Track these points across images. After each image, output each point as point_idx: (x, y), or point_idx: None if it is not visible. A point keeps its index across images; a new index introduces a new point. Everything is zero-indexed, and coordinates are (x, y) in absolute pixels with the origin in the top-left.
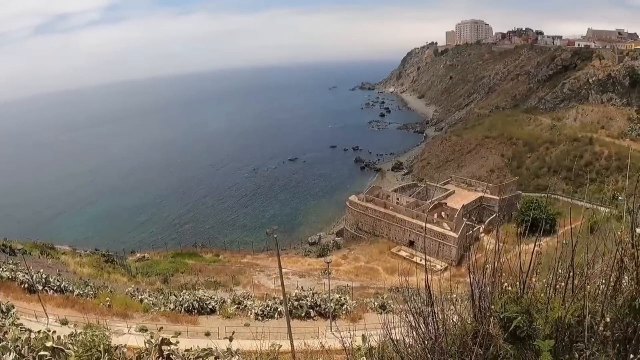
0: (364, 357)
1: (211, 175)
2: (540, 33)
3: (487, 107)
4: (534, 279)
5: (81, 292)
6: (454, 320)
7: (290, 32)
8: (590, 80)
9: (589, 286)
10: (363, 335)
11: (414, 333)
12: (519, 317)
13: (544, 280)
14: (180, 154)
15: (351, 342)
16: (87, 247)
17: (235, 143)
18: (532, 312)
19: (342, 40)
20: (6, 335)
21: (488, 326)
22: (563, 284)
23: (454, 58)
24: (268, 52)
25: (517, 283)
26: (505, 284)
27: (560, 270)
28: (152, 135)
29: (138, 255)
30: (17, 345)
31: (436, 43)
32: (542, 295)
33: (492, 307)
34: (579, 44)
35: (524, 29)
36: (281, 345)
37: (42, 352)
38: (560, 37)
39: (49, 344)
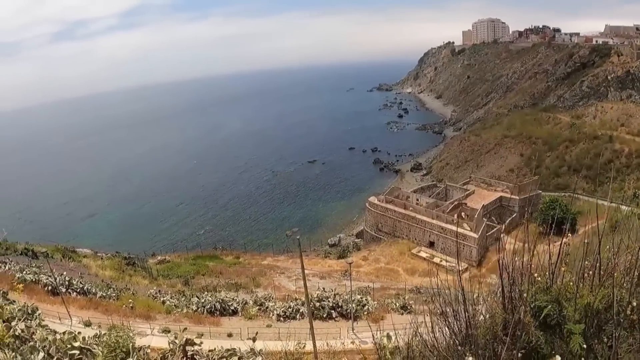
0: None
1: (230, 177)
2: (558, 30)
3: (505, 106)
4: (562, 269)
5: (104, 294)
6: (483, 313)
7: (306, 34)
8: (609, 77)
9: (615, 274)
10: (388, 334)
11: (444, 327)
12: (549, 306)
13: (571, 272)
14: (198, 157)
15: (379, 341)
16: (107, 250)
17: (253, 145)
18: (561, 300)
19: (359, 41)
20: (34, 336)
21: (519, 315)
22: (590, 272)
23: (471, 57)
24: (284, 54)
25: (547, 274)
26: (535, 274)
27: (587, 262)
28: (170, 140)
29: (159, 257)
30: (45, 346)
31: (453, 43)
32: (571, 284)
33: (524, 296)
34: (596, 41)
35: (541, 26)
36: (305, 344)
37: (72, 352)
38: (577, 34)
39: (76, 344)
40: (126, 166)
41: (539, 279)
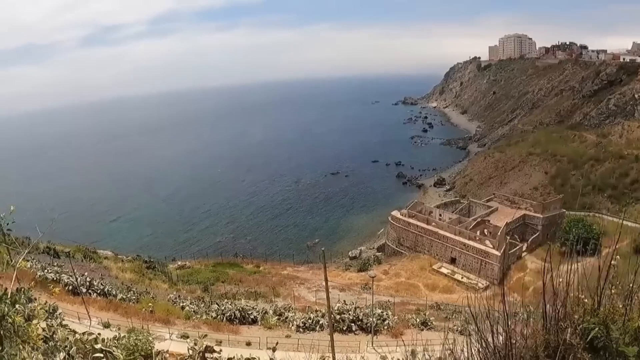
0: None
1: (253, 186)
2: (585, 47)
3: (530, 123)
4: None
5: (124, 297)
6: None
7: (332, 46)
8: (636, 96)
9: None
10: (413, 351)
11: (481, 346)
12: (596, 328)
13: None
14: (222, 165)
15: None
16: (128, 253)
17: (276, 155)
18: (608, 322)
19: (384, 55)
20: (54, 336)
21: (564, 336)
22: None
23: (497, 73)
24: (311, 65)
25: (594, 295)
26: (582, 295)
27: (631, 285)
28: (195, 146)
29: (179, 263)
30: (66, 346)
31: (479, 58)
32: (620, 306)
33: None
34: (624, 59)
35: (567, 43)
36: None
37: (95, 354)
38: (605, 52)
39: (98, 346)
40: (151, 170)
41: (586, 300)
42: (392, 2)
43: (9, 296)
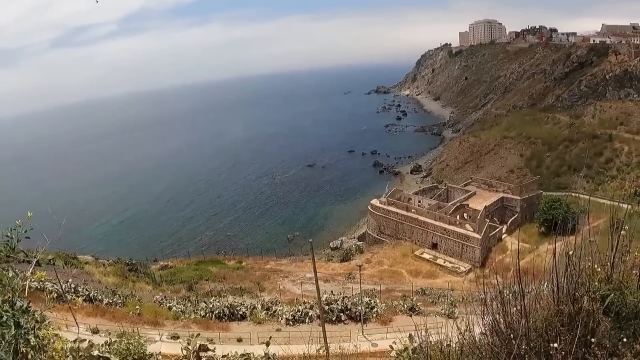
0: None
1: (230, 182)
2: (554, 30)
3: (504, 107)
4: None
5: (110, 301)
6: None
7: (305, 38)
8: (607, 77)
9: None
10: (410, 335)
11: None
12: (611, 294)
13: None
14: (198, 164)
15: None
16: (109, 256)
17: (252, 150)
18: (623, 289)
19: (357, 44)
20: (47, 346)
21: (581, 304)
22: None
23: (469, 59)
24: (284, 58)
25: (607, 263)
26: (595, 265)
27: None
28: (170, 145)
29: (161, 263)
30: (68, 355)
31: (450, 44)
32: (634, 272)
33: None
34: (594, 40)
35: (537, 27)
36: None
37: None
38: (574, 34)
39: (94, 352)
40: (130, 172)
41: (599, 269)
42: None
43: (32, 311)
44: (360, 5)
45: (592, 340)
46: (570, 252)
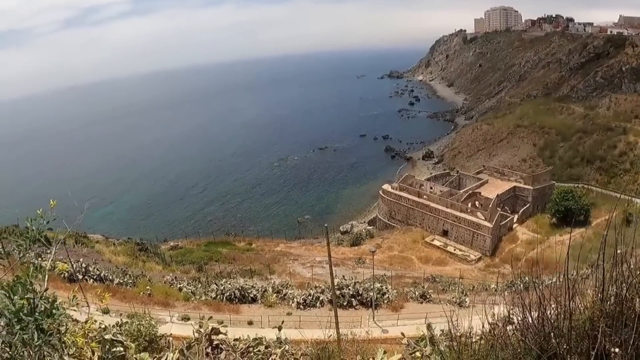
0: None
1: (242, 164)
2: (571, 20)
3: (518, 95)
4: None
5: (121, 281)
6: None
7: (318, 21)
8: (623, 69)
9: None
10: (429, 324)
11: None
12: None
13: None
14: (212, 145)
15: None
16: (119, 236)
17: (264, 132)
18: None
19: (370, 28)
20: (60, 327)
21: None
22: None
23: (483, 46)
24: (297, 41)
25: None
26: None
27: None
28: (182, 126)
29: (171, 243)
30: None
31: (465, 31)
32: None
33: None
34: (611, 31)
35: (554, 15)
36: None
37: (116, 349)
38: (591, 24)
39: (107, 336)
40: (141, 153)
41: None
42: None
43: (58, 305)
44: None
45: None
46: (619, 251)
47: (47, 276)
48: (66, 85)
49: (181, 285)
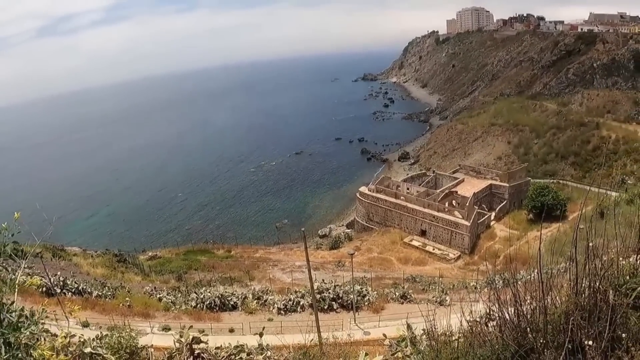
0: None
1: (218, 171)
2: (542, 19)
3: (491, 94)
4: None
5: (100, 294)
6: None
7: (293, 25)
8: (594, 65)
9: None
10: (408, 325)
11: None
12: (638, 288)
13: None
14: (186, 152)
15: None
16: (96, 247)
17: (239, 138)
18: None
19: (344, 31)
20: (38, 343)
21: (607, 297)
22: None
23: (456, 46)
24: (272, 45)
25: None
26: (620, 258)
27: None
28: (158, 134)
29: (149, 254)
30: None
31: (437, 32)
32: None
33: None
34: (581, 29)
35: (525, 15)
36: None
37: None
38: (562, 22)
39: (87, 349)
40: (117, 163)
41: (623, 262)
42: None
43: (32, 317)
44: None
45: (623, 335)
46: (591, 243)
47: (16, 289)
48: (44, 94)
49: (161, 295)
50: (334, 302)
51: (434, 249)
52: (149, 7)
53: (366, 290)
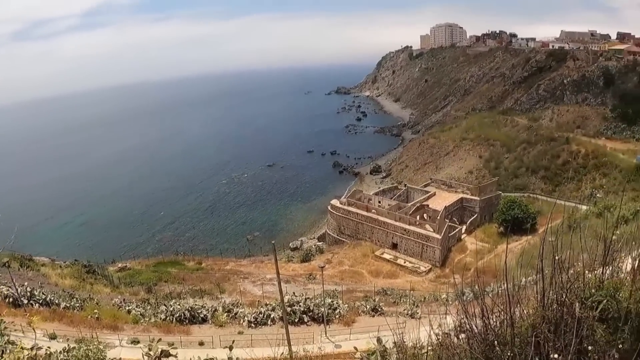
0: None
1: (189, 183)
2: (514, 35)
3: (463, 109)
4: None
5: (68, 305)
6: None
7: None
8: (565, 81)
9: None
10: (378, 338)
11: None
12: (604, 300)
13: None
14: (158, 162)
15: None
16: (66, 258)
17: (213, 149)
18: (617, 295)
19: (319, 45)
20: (5, 356)
21: (572, 310)
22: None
23: (429, 61)
24: (247, 57)
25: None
26: (586, 271)
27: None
28: (131, 144)
29: (119, 265)
30: None
31: (411, 47)
32: (627, 279)
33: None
34: (553, 46)
35: (497, 31)
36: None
37: None
38: (534, 39)
39: None
40: (90, 171)
41: (589, 275)
42: None
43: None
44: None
45: (589, 348)
46: (557, 257)
47: None
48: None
49: (130, 308)
50: (304, 315)
51: (405, 262)
52: (125, 15)
53: (337, 303)
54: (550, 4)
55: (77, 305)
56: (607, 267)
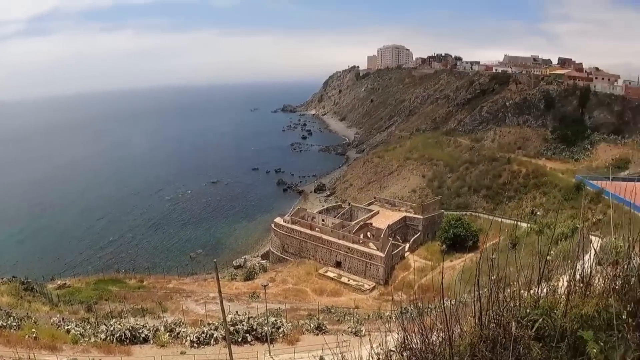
0: None
1: (129, 200)
2: (459, 59)
3: (407, 129)
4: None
5: (4, 324)
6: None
7: (216, 52)
8: (507, 104)
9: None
10: (321, 357)
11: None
12: (540, 319)
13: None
14: (95, 178)
15: None
16: (2, 274)
17: (153, 166)
18: (552, 313)
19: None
20: None
21: (509, 329)
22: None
23: (375, 82)
24: (194, 71)
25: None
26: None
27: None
28: (66, 156)
29: (58, 282)
30: None
31: (358, 67)
32: (562, 296)
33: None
34: (496, 69)
35: (443, 54)
36: None
37: None
38: (478, 63)
39: None
40: (20, 186)
41: (525, 294)
42: (279, 12)
43: None
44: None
45: None
46: (494, 276)
47: None
48: None
49: (69, 327)
50: (248, 334)
51: (349, 280)
52: (72, 23)
53: (281, 321)
54: (495, 28)
55: (14, 324)
56: (543, 285)
